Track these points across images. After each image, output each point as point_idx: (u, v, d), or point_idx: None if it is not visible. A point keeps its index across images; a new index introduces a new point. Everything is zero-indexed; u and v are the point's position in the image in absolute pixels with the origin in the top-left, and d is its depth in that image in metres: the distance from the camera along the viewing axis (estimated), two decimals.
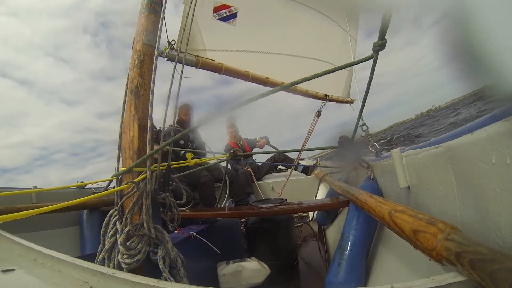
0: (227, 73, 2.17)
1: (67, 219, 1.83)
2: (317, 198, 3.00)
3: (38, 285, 0.59)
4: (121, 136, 1.04)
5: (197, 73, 1.98)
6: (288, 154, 3.70)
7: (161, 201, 1.03)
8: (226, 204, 2.92)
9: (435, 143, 0.75)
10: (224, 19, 2.09)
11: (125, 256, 0.83)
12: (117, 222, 0.89)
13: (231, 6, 2.10)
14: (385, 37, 0.80)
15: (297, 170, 3.69)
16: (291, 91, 2.71)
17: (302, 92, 2.82)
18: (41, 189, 1.70)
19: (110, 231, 0.91)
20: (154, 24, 1.17)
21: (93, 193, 2.09)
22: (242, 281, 1.45)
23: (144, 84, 1.06)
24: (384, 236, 1.19)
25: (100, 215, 1.82)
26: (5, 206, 1.24)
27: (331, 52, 3.00)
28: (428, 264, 0.62)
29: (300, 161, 3.92)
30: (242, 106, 0.81)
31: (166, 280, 0.84)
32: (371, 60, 0.89)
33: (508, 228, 0.49)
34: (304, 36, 2.70)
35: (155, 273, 0.85)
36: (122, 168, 1.00)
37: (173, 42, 1.70)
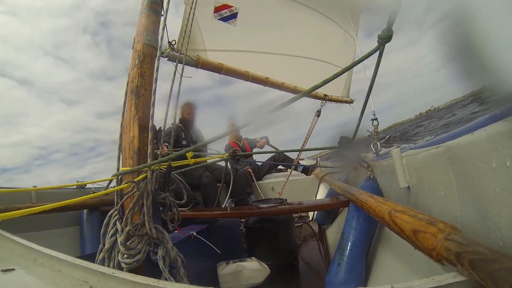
0: (227, 73, 2.17)
1: (67, 219, 1.83)
2: (317, 198, 3.00)
3: (38, 285, 0.59)
4: (121, 136, 1.04)
5: (196, 73, 1.98)
6: (288, 154, 3.71)
7: (161, 201, 1.03)
8: (226, 204, 2.92)
9: (435, 143, 0.75)
10: (224, 19, 2.10)
11: (125, 256, 0.83)
12: (117, 222, 0.89)
13: (232, 6, 2.11)
14: (392, 29, 0.76)
15: (297, 170, 3.69)
16: (291, 90, 2.72)
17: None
18: (41, 188, 1.70)
19: (110, 231, 0.90)
20: (155, 24, 1.17)
21: (93, 193, 2.09)
22: (242, 281, 1.45)
23: (145, 84, 1.06)
24: (384, 236, 1.19)
25: (100, 215, 1.82)
26: (5, 206, 1.24)
27: (331, 52, 3.01)
28: (428, 264, 0.62)
29: (300, 161, 3.92)
30: (275, 111, 0.81)
31: (166, 280, 0.84)
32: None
33: (508, 228, 0.49)
34: (304, 36, 2.71)
35: (155, 273, 0.85)
36: (122, 168, 1.00)
37: (173, 42, 1.70)
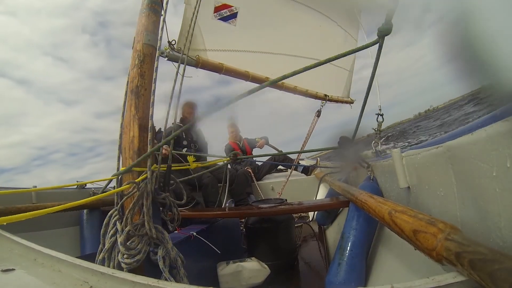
0: (227, 73, 2.17)
1: (67, 219, 1.83)
2: (317, 198, 3.00)
3: (38, 285, 0.59)
4: (121, 136, 1.04)
5: (196, 73, 1.98)
6: (288, 154, 3.71)
7: (161, 201, 1.03)
8: (226, 204, 2.92)
9: (435, 143, 0.75)
10: (224, 19, 2.09)
11: (125, 256, 0.83)
12: (117, 222, 0.89)
13: (232, 6, 2.10)
14: (391, 22, 0.75)
15: (297, 170, 3.69)
16: (291, 90, 2.72)
17: (302, 92, 2.82)
18: (41, 188, 1.70)
19: (110, 231, 0.91)
20: (155, 24, 1.17)
21: (92, 192, 2.09)
22: (242, 281, 1.45)
23: (145, 84, 1.06)
24: (384, 236, 1.18)
25: (100, 215, 1.82)
26: (5, 206, 1.24)
27: (331, 52, 2.99)
28: (428, 264, 0.62)
29: (300, 161, 3.92)
30: (235, 102, 0.80)
31: (166, 280, 0.84)
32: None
33: (508, 228, 0.49)
34: (304, 36, 2.70)
35: (155, 273, 0.85)
36: (122, 168, 1.00)
37: (173, 42, 1.70)
